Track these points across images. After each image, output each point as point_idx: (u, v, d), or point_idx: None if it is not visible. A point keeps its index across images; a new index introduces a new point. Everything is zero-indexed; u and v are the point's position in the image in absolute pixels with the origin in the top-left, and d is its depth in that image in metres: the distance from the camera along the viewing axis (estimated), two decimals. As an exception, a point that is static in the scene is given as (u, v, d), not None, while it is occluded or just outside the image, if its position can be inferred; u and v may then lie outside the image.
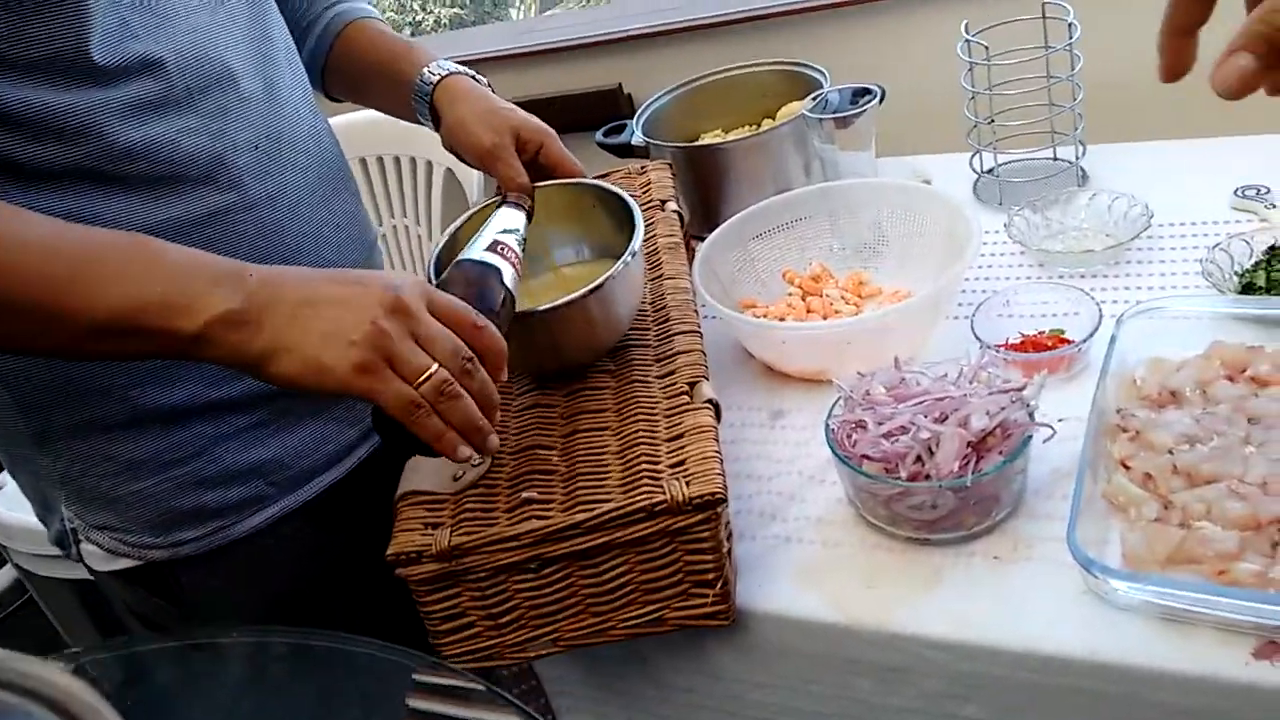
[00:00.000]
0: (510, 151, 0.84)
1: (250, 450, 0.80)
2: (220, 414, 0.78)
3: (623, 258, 0.76)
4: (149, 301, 0.59)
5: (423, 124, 0.92)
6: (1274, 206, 0.95)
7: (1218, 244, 0.88)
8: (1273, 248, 0.86)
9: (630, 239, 0.78)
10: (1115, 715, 0.64)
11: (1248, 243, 0.88)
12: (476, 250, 0.73)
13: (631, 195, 0.85)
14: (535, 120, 0.88)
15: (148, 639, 0.84)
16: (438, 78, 0.88)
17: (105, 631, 1.57)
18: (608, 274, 0.75)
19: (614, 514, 0.67)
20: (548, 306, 0.75)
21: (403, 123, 0.97)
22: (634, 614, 0.71)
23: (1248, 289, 0.84)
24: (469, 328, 0.65)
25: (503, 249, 0.74)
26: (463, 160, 0.89)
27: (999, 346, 0.85)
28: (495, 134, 0.85)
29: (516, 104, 1.59)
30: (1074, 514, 0.65)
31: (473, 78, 0.90)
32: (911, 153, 1.22)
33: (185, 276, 0.60)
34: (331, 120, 0.93)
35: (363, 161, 1.60)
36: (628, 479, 0.70)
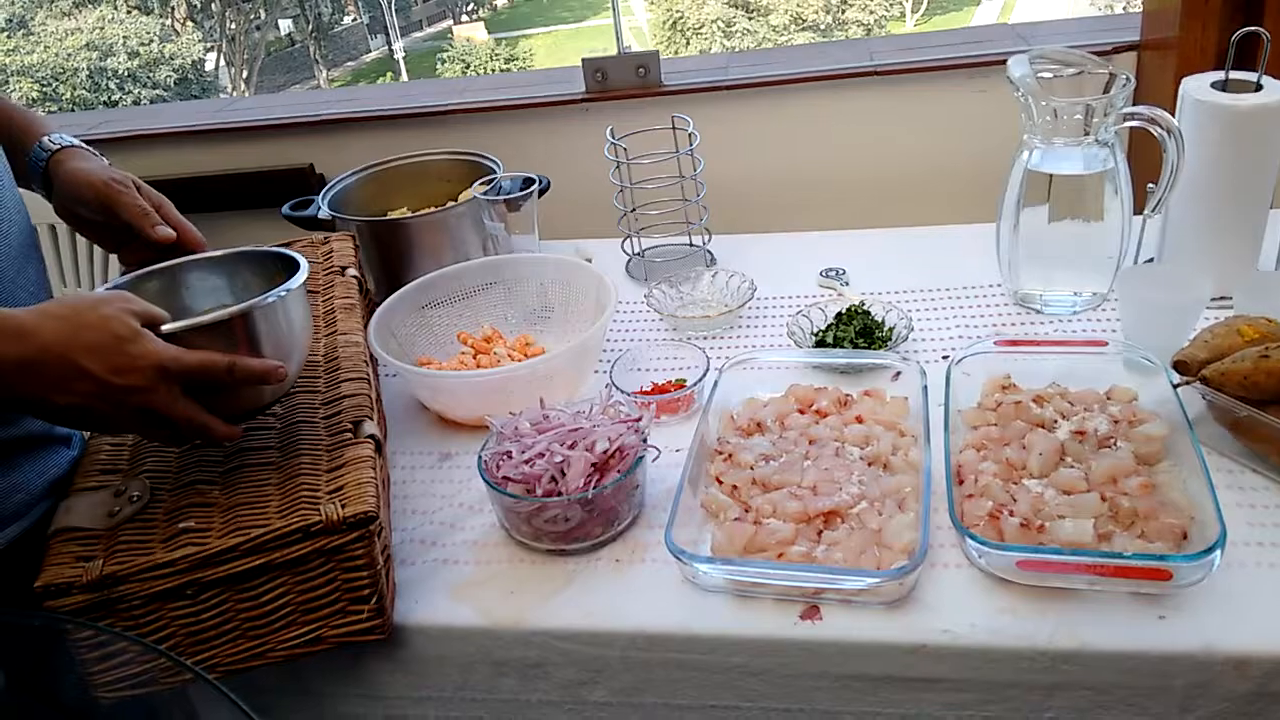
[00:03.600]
0: (133, 191, 0.89)
1: None
2: None
3: (276, 290, 0.79)
4: None
5: (34, 189, 0.95)
6: (847, 284, 1.20)
7: (800, 310, 1.10)
8: (839, 314, 1.09)
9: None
10: (705, 682, 0.77)
11: (823, 310, 1.11)
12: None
13: (310, 261, 0.90)
14: (147, 186, 0.92)
15: None
16: (57, 146, 0.92)
17: None
18: (248, 303, 0.77)
19: (271, 536, 0.72)
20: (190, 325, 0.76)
21: None
22: (293, 635, 0.76)
23: (820, 344, 1.06)
24: (222, 374, 0.74)
25: None
26: (79, 218, 0.91)
27: (634, 393, 1.01)
28: (118, 175, 0.89)
29: (207, 178, 1.60)
30: (672, 517, 0.80)
31: (92, 153, 0.94)
32: (579, 237, 1.39)
33: None
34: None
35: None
36: (286, 505, 0.75)
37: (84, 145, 0.95)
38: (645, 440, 0.86)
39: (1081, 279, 1.09)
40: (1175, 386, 0.85)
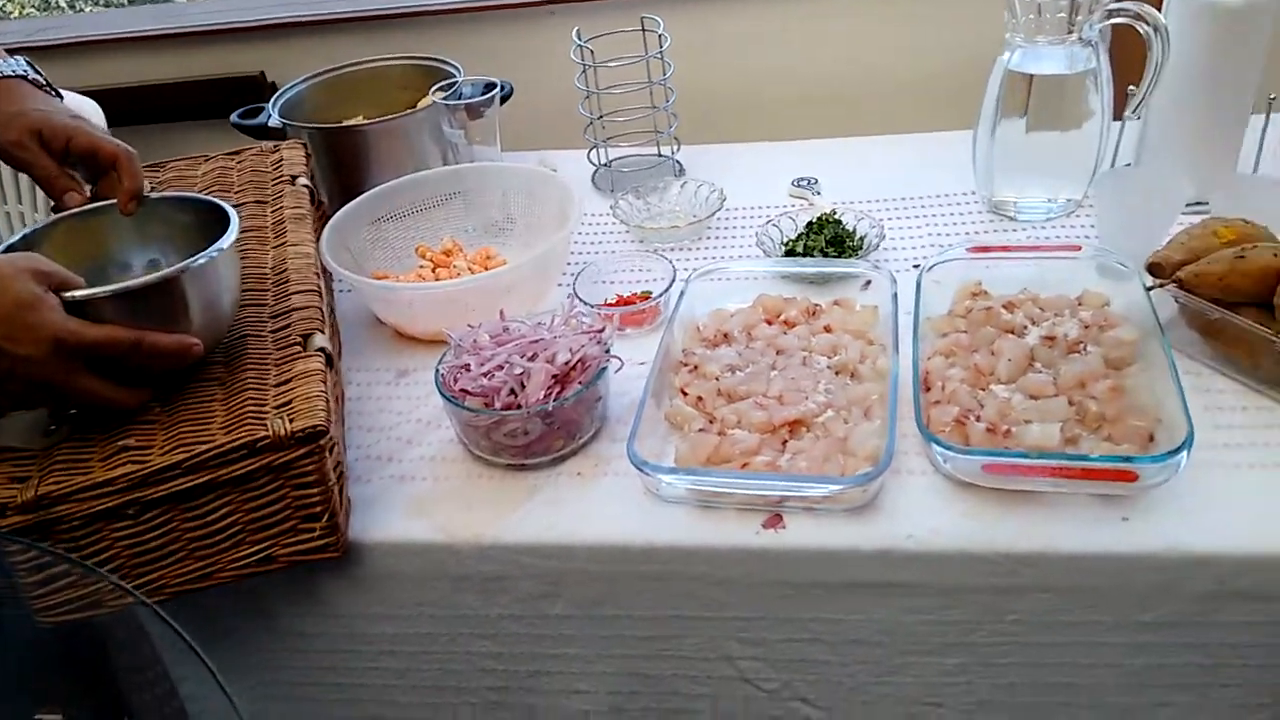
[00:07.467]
0: (34, 151, 0.82)
1: None
2: None
3: (199, 256, 0.75)
4: None
5: None
6: (819, 194, 1.17)
7: (769, 220, 1.07)
8: (810, 223, 1.06)
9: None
10: (666, 593, 0.76)
11: (793, 219, 1.07)
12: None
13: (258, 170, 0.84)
14: (59, 118, 0.84)
15: None
16: None
17: None
18: (164, 271, 0.74)
19: (215, 452, 0.69)
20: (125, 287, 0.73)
21: None
22: (243, 554, 0.74)
23: (790, 254, 1.03)
24: (127, 350, 0.72)
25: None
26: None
27: (598, 304, 0.98)
28: (15, 134, 0.82)
29: (153, 87, 1.51)
30: (634, 429, 0.78)
31: (22, 76, 0.87)
32: (542, 148, 1.34)
33: None
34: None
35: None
36: (231, 421, 0.72)
37: (22, 72, 0.86)
38: (608, 351, 0.84)
39: (1057, 185, 1.06)
40: (1149, 289, 0.83)
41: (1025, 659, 0.74)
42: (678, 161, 1.26)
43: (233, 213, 0.79)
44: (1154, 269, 0.84)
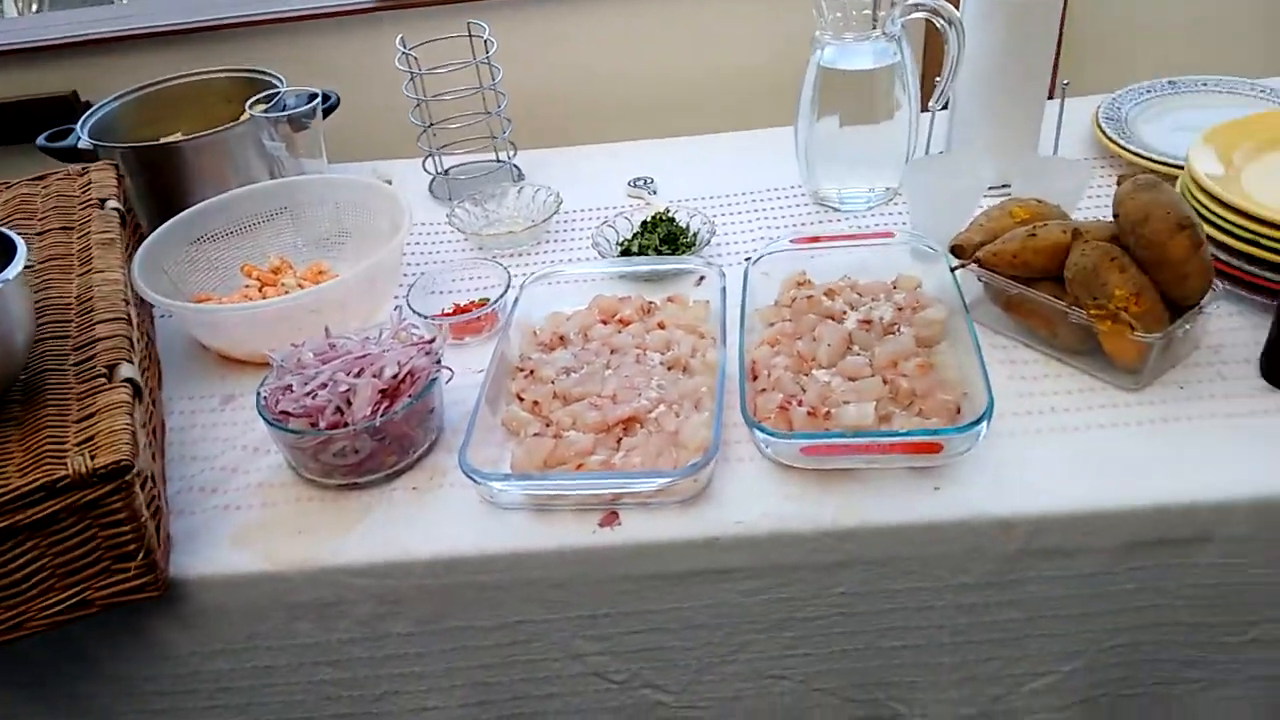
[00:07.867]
0: None
1: None
2: None
3: None
4: None
5: None
6: (655, 193, 1.19)
7: (604, 221, 1.08)
8: (644, 222, 1.07)
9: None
10: (507, 600, 0.76)
11: (628, 219, 1.09)
12: None
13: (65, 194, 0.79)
14: None
15: None
16: None
17: None
18: None
19: (11, 496, 0.65)
20: None
21: None
22: (53, 601, 0.70)
23: (625, 253, 1.04)
24: None
25: None
26: None
27: (432, 315, 0.96)
28: None
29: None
30: (467, 438, 0.77)
31: None
32: (378, 158, 1.32)
33: None
34: None
35: None
36: (28, 462, 0.68)
37: None
38: (439, 362, 0.83)
39: (874, 176, 1.11)
40: (953, 270, 0.88)
41: (855, 628, 0.77)
42: (516, 167, 1.25)
43: (20, 241, 0.75)
44: (956, 250, 0.88)
